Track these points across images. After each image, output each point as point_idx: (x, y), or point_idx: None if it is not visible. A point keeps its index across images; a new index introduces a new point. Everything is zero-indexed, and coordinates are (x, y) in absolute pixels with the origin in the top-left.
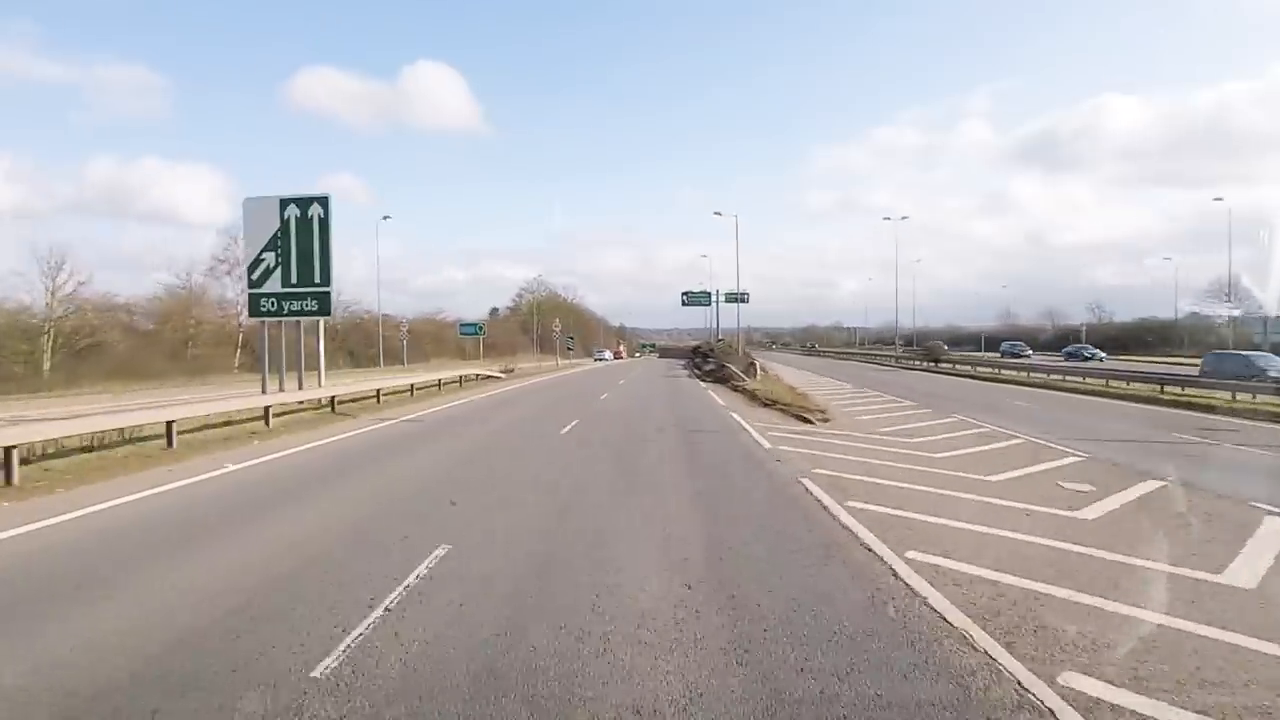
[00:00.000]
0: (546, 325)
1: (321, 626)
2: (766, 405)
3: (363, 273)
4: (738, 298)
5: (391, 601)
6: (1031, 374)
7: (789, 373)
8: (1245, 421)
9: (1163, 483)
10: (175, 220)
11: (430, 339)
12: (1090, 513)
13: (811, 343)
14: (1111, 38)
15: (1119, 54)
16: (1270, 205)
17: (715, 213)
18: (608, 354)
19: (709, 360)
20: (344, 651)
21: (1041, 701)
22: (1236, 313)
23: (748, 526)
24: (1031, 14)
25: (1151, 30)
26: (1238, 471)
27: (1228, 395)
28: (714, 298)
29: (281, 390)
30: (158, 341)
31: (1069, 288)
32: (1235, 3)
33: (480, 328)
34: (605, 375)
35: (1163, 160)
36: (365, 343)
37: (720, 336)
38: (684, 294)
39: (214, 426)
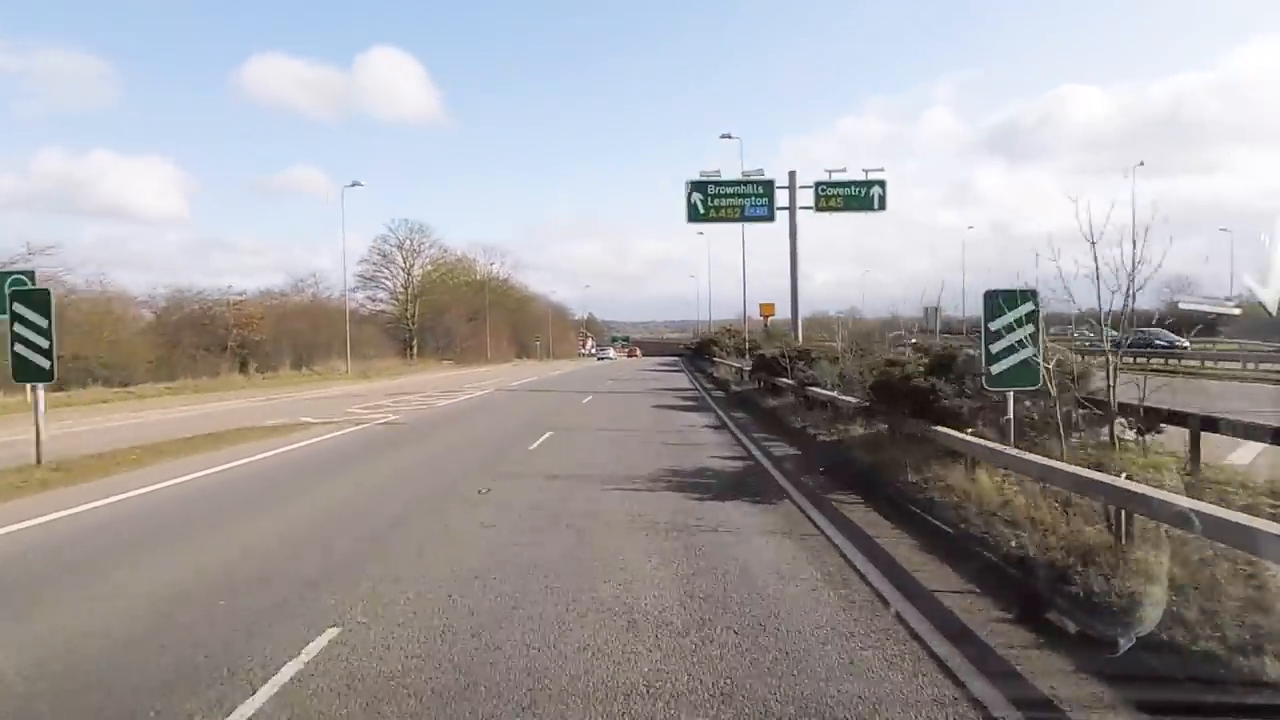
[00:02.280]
0: (440, 308)
1: None
2: None
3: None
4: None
5: None
6: None
7: None
8: None
9: None
10: (130, 216)
11: None
12: None
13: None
14: (1071, 29)
15: (1079, 45)
16: (1231, 196)
17: None
18: (610, 351)
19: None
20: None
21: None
22: (1237, 311)
23: None
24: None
25: (1109, 21)
26: None
27: None
28: (786, 192)
29: None
30: None
31: (1031, 276)
32: None
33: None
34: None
35: (1122, 150)
36: None
37: (733, 328)
38: (692, 185)
39: None
